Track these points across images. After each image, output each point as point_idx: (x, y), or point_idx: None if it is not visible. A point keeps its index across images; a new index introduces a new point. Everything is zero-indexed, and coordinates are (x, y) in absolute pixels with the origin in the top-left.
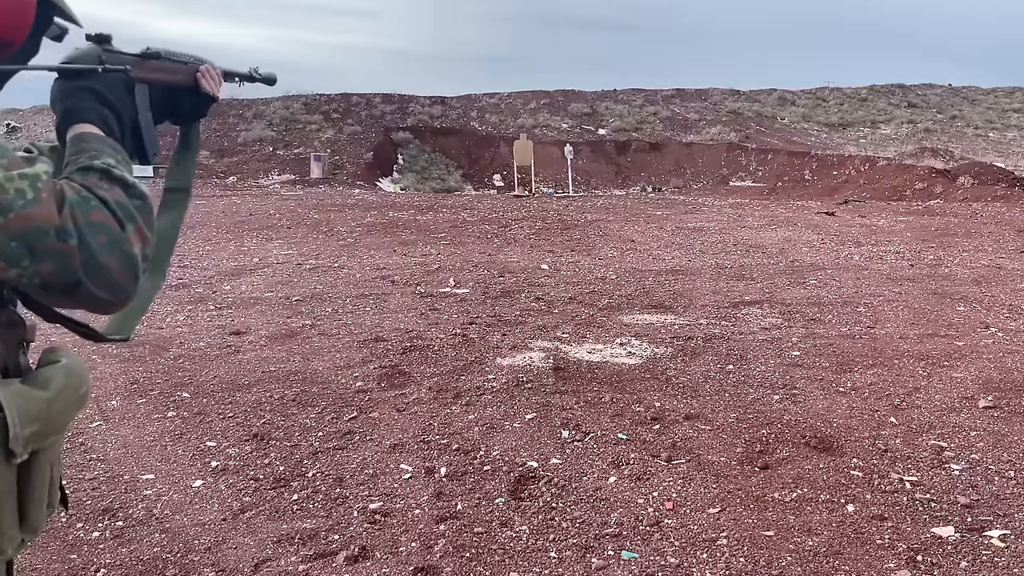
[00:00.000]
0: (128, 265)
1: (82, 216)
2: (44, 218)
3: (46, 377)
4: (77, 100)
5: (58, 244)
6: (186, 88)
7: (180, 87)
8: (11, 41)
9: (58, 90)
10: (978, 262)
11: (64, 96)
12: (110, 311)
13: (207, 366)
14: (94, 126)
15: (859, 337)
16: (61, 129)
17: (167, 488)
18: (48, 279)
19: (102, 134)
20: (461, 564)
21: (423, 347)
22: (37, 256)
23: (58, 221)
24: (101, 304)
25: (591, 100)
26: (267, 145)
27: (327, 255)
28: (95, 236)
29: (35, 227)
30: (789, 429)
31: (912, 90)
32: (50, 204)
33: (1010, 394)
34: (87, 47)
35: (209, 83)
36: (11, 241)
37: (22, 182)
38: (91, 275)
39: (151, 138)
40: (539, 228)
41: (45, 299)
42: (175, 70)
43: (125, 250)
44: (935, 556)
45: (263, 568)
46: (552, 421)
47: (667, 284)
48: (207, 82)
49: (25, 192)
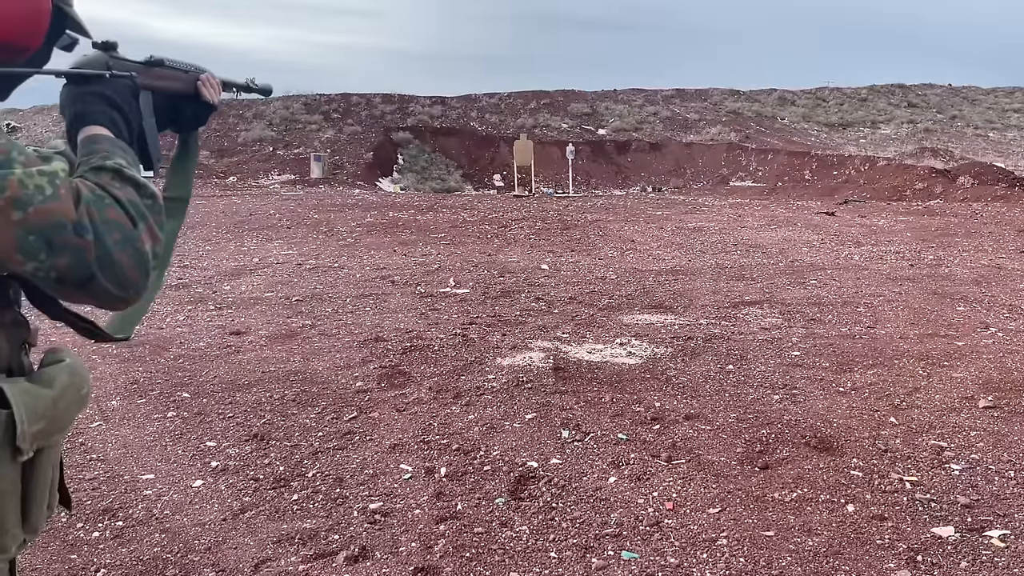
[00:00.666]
0: (140, 262)
1: (97, 213)
2: (62, 213)
3: (51, 376)
4: (87, 104)
5: (75, 239)
6: (187, 96)
7: (181, 95)
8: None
9: (67, 95)
10: (978, 262)
11: (74, 101)
12: (119, 307)
13: (207, 366)
14: (104, 128)
15: (859, 337)
16: (72, 132)
17: (167, 488)
18: (64, 273)
19: (112, 136)
20: (461, 564)
21: (423, 347)
22: (55, 250)
23: (75, 216)
24: (112, 299)
25: (591, 100)
26: (267, 145)
27: (327, 255)
28: (109, 233)
29: (54, 222)
30: (789, 429)
31: (912, 90)
32: (68, 200)
33: (1010, 394)
34: (94, 54)
35: (209, 91)
36: (30, 235)
37: (41, 178)
38: (105, 270)
39: (155, 144)
40: (539, 228)
41: (58, 293)
42: (177, 78)
43: (137, 247)
44: (935, 556)
45: (263, 568)
46: (552, 421)
47: (667, 284)
48: (207, 90)
49: (44, 188)
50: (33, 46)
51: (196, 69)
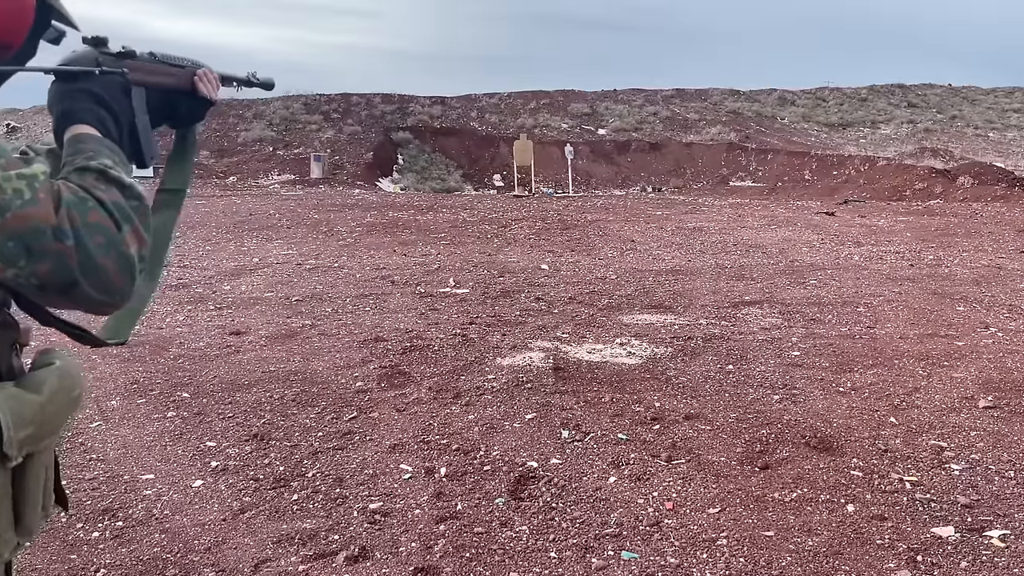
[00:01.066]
0: (125, 266)
1: (79, 217)
2: (41, 218)
3: (39, 380)
4: (74, 102)
5: (55, 244)
6: (183, 92)
7: (177, 91)
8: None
9: (55, 92)
10: (978, 262)
11: (61, 98)
12: (106, 312)
13: (207, 366)
14: (91, 127)
15: (859, 337)
16: (58, 131)
17: (167, 488)
18: (45, 279)
19: (99, 135)
20: (461, 564)
21: (423, 347)
22: (34, 256)
23: (55, 221)
24: (97, 305)
25: (591, 100)
26: (267, 145)
27: (327, 255)
28: (92, 237)
29: (32, 227)
30: (789, 429)
31: (912, 90)
32: (47, 204)
33: (1010, 394)
34: (84, 50)
35: (207, 87)
36: (8, 241)
37: (20, 182)
38: (88, 276)
39: (148, 141)
40: (539, 228)
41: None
42: (172, 73)
43: (122, 251)
44: (935, 556)
45: (263, 568)
46: (552, 421)
47: (667, 284)
48: (204, 86)
49: (23, 192)
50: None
51: (193, 64)
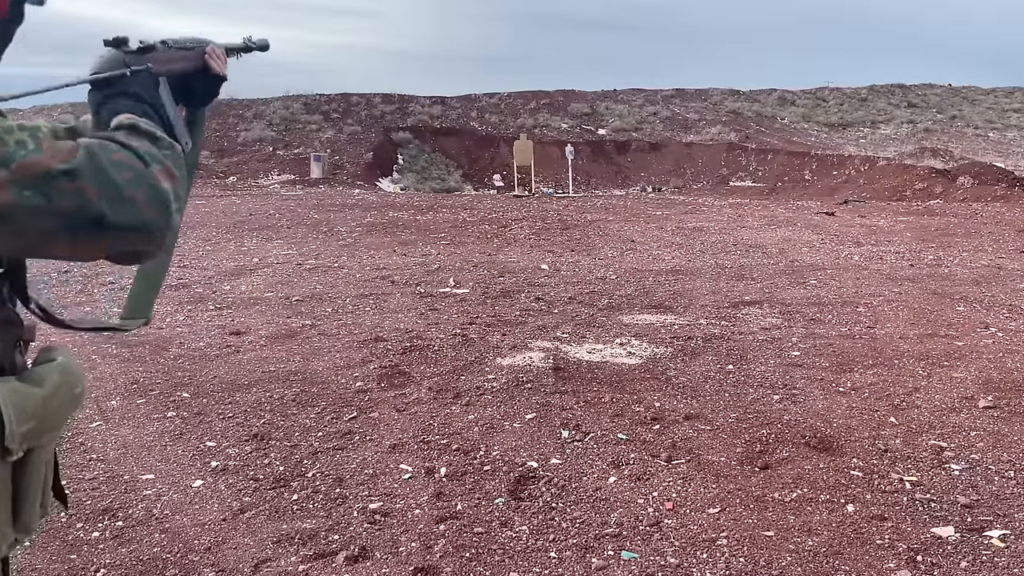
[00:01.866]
0: (155, 198)
1: (104, 158)
2: (47, 164)
3: (41, 375)
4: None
5: (69, 184)
6: (197, 72)
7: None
8: None
9: (94, 100)
10: (978, 262)
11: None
12: (148, 249)
13: (207, 366)
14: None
15: (859, 337)
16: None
17: (167, 488)
18: (71, 217)
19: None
20: (461, 564)
21: (423, 347)
22: (53, 198)
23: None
24: (133, 239)
25: (591, 100)
26: (267, 145)
27: (327, 255)
28: (119, 172)
29: (41, 172)
30: (789, 429)
31: (912, 90)
32: (52, 151)
33: (1010, 394)
34: (109, 53)
35: (217, 63)
36: (24, 191)
37: (22, 133)
38: (114, 206)
39: (181, 130)
40: (539, 228)
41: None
42: (185, 57)
43: (152, 184)
44: (935, 556)
45: (263, 568)
46: (552, 421)
47: (667, 284)
48: (215, 62)
49: (26, 143)
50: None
51: (200, 43)
